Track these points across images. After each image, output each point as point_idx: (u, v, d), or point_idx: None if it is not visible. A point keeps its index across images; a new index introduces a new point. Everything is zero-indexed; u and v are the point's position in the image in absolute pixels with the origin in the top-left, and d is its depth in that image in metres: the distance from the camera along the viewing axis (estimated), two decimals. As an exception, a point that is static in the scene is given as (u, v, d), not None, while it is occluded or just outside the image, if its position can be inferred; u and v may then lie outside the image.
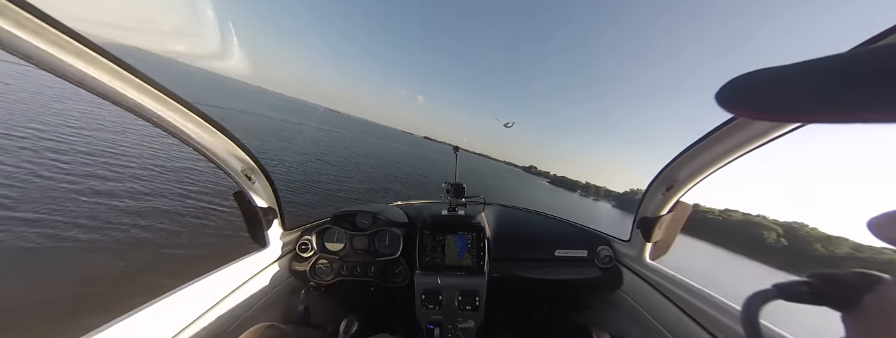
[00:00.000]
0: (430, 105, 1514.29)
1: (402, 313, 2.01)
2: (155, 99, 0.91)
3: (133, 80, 0.83)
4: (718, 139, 1.11)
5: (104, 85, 0.78)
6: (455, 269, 1.68)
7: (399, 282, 1.77)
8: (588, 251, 1.88)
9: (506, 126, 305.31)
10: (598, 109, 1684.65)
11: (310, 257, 1.78)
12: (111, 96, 0.82)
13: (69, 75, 0.71)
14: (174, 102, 0.95)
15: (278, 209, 1.59)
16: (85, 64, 0.72)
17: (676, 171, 1.34)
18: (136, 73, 0.82)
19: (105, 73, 0.77)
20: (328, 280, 1.78)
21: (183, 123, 1.03)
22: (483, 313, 1.66)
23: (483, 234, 1.72)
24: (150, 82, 0.86)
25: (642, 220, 1.58)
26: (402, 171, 28.72)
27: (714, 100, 0.30)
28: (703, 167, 1.24)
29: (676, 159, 1.31)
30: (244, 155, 1.31)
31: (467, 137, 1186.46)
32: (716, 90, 0.30)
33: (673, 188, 1.37)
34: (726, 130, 1.06)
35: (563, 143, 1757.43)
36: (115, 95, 0.82)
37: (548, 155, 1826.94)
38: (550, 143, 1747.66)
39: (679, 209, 1.47)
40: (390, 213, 1.93)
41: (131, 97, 0.85)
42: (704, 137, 1.15)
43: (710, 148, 1.16)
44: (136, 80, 0.83)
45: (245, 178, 1.35)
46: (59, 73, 0.70)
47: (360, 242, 1.83)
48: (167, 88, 0.91)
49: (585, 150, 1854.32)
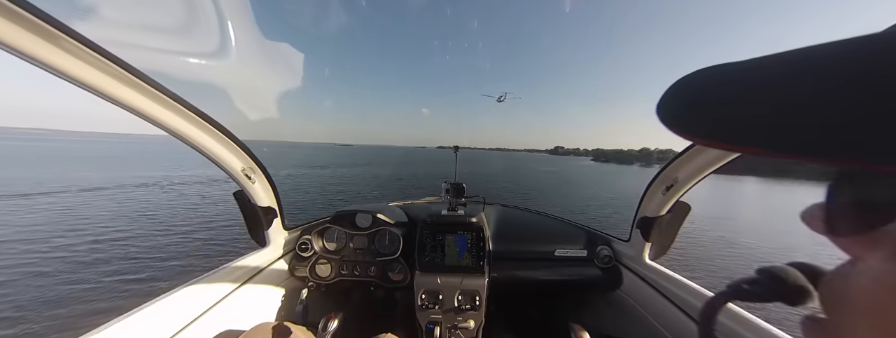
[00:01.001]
0: (437, 113, 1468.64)
1: (402, 312, 2.01)
2: (155, 99, 0.91)
3: (133, 79, 0.83)
4: None
5: (104, 85, 0.79)
6: (455, 269, 1.68)
7: (399, 282, 1.78)
8: (588, 251, 1.88)
9: (499, 101, 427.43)
10: (610, 61, 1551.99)
11: (310, 256, 1.78)
12: (111, 96, 0.82)
13: (69, 74, 0.72)
14: (174, 102, 0.96)
15: (278, 209, 1.59)
16: (85, 63, 0.73)
17: (676, 170, 1.34)
18: (137, 73, 0.82)
19: (105, 73, 0.78)
20: (328, 280, 1.78)
21: (183, 123, 1.04)
22: (483, 313, 1.66)
23: (483, 233, 1.72)
24: (150, 82, 0.87)
25: (642, 220, 1.58)
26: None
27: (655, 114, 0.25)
28: (703, 167, 1.24)
29: (676, 159, 1.32)
30: (244, 155, 1.31)
31: (477, 134, 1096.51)
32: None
33: (673, 188, 1.37)
34: None
35: (577, 108, 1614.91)
36: (115, 95, 0.82)
37: (569, 129, 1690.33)
38: (567, 113, 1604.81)
39: (679, 209, 1.47)
40: (390, 212, 1.93)
41: (131, 97, 0.86)
42: None
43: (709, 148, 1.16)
44: (135, 80, 0.83)
45: (245, 178, 1.35)
46: (58, 72, 0.70)
47: (360, 242, 1.83)
48: (167, 89, 0.91)
49: (611, 111, 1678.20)
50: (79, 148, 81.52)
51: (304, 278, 1.76)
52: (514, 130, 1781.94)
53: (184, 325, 1.12)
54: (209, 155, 1.20)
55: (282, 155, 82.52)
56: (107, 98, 0.82)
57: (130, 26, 20.14)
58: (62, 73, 0.71)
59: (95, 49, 0.72)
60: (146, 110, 0.91)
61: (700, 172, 1.26)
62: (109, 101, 0.83)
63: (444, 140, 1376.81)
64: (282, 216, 1.64)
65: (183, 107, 0.99)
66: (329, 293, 1.85)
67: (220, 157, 1.23)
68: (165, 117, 0.97)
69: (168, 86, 0.91)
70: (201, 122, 1.08)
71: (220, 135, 1.18)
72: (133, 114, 0.90)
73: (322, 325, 1.33)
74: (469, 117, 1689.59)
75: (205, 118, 1.08)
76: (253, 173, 1.38)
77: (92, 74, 0.75)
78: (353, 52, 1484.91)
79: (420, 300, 1.65)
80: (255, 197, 1.44)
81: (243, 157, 1.32)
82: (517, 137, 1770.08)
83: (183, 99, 0.97)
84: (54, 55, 0.67)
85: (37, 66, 0.67)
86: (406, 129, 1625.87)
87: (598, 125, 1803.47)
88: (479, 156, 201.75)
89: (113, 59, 0.76)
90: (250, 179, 1.38)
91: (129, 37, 1.62)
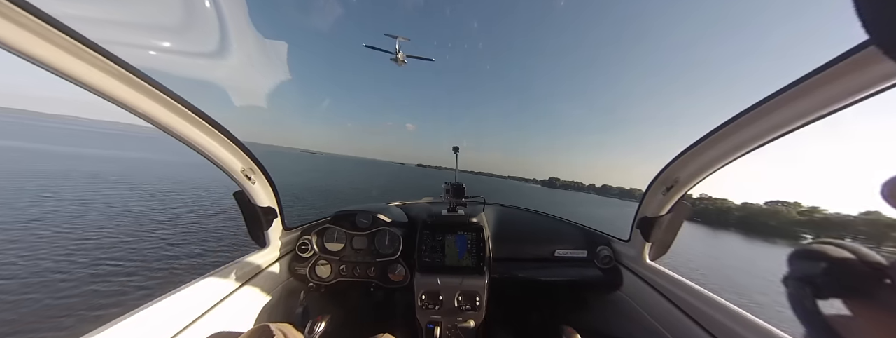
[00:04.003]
0: (422, 130, 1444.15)
1: (402, 313, 2.01)
2: (155, 99, 0.91)
3: (133, 79, 0.83)
4: (718, 139, 1.11)
5: (104, 84, 0.79)
6: (455, 269, 1.68)
7: (399, 282, 1.77)
8: (588, 251, 1.88)
9: (393, 60, 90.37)
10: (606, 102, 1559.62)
11: (310, 257, 1.78)
12: (111, 96, 0.82)
13: (69, 74, 0.72)
14: (174, 102, 0.95)
15: (278, 209, 1.59)
16: (85, 63, 0.73)
17: (676, 171, 1.34)
18: (137, 72, 0.82)
19: (105, 73, 0.77)
20: (328, 280, 1.78)
21: (183, 124, 1.03)
22: (483, 313, 1.66)
23: (483, 234, 1.72)
24: (151, 82, 0.87)
25: (642, 220, 1.57)
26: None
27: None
28: (703, 167, 1.24)
29: (676, 159, 1.32)
30: (244, 155, 1.31)
31: (464, 155, 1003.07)
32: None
33: (673, 188, 1.37)
34: (726, 130, 1.06)
35: (564, 140, 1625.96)
36: (115, 95, 0.82)
37: (561, 160, 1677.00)
38: (556, 146, 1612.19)
39: (679, 209, 1.47)
40: (390, 213, 1.92)
41: (131, 97, 0.86)
42: (705, 137, 1.15)
43: (710, 148, 1.16)
44: (136, 80, 0.83)
45: (245, 178, 1.35)
46: (58, 72, 0.70)
47: (360, 243, 1.82)
48: (168, 89, 0.91)
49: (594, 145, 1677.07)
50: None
51: (304, 279, 1.76)
52: (501, 153, 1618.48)
53: (184, 325, 1.12)
54: (209, 155, 1.19)
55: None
56: (107, 97, 0.82)
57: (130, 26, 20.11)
58: (62, 73, 0.71)
59: (95, 49, 0.72)
60: (146, 110, 0.91)
61: (700, 172, 1.26)
62: (109, 100, 0.83)
63: (427, 159, 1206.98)
64: (282, 216, 1.63)
65: (183, 107, 0.99)
66: (329, 294, 1.85)
67: (220, 157, 1.23)
68: (165, 117, 0.97)
69: (165, 84, 0.91)
70: (201, 122, 1.07)
71: (220, 135, 1.17)
72: (133, 114, 0.89)
73: (308, 328, 1.30)
74: (460, 136, 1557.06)
75: (204, 118, 1.07)
76: (253, 174, 1.38)
77: (92, 74, 0.75)
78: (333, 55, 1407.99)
79: (420, 301, 1.65)
80: (255, 197, 1.44)
81: (243, 157, 1.31)
82: (499, 161, 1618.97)
83: (183, 99, 0.97)
84: (54, 55, 0.67)
85: (37, 65, 0.66)
86: (386, 142, 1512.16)
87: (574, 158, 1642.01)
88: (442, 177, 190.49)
89: (113, 58, 0.76)
90: (250, 179, 1.37)
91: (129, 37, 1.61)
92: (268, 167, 1.45)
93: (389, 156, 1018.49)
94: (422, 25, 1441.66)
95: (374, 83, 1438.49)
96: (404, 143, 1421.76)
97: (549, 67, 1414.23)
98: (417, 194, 2.85)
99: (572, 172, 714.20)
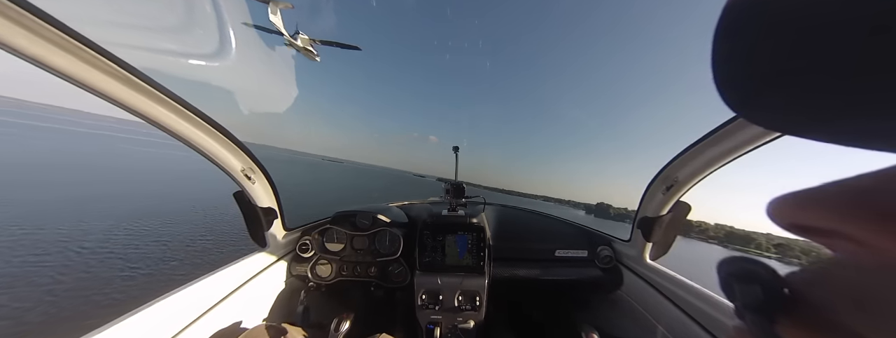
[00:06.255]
0: (444, 142, 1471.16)
1: (402, 313, 2.01)
2: (154, 99, 0.91)
3: (133, 80, 0.83)
4: (718, 139, 1.11)
5: (104, 84, 0.79)
6: (455, 269, 1.68)
7: (399, 282, 1.77)
8: (588, 252, 1.88)
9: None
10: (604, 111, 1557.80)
11: (310, 257, 1.78)
12: (111, 96, 0.82)
13: (69, 74, 0.72)
14: (174, 102, 0.95)
15: (278, 209, 1.59)
16: (85, 63, 0.73)
17: (676, 170, 1.34)
18: (137, 72, 0.82)
19: (105, 73, 0.77)
20: (328, 280, 1.78)
21: (182, 124, 1.03)
22: (483, 314, 1.66)
23: (483, 234, 1.72)
24: (150, 82, 0.87)
25: (642, 220, 1.57)
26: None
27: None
28: (703, 167, 1.24)
29: (676, 159, 1.32)
30: (244, 155, 1.31)
31: (486, 173, 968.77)
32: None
33: (673, 188, 1.37)
34: (726, 130, 1.06)
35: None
36: (115, 95, 0.82)
37: (613, 181, 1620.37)
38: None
39: (679, 209, 1.47)
40: (390, 213, 1.92)
41: (131, 97, 0.86)
42: (704, 137, 1.15)
43: (710, 148, 1.16)
44: (135, 81, 0.83)
45: (245, 178, 1.35)
46: (59, 72, 0.70)
47: (361, 243, 1.82)
48: (167, 89, 0.91)
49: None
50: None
51: (304, 279, 1.76)
52: (515, 170, 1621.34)
53: (184, 325, 1.12)
54: (208, 155, 1.19)
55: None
56: (107, 98, 0.82)
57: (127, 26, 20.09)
58: (62, 73, 0.71)
59: (95, 49, 0.72)
60: (146, 110, 0.91)
61: (700, 171, 1.26)
62: (109, 101, 0.83)
63: (443, 172, 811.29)
64: (282, 217, 1.63)
65: (182, 107, 0.99)
66: (329, 294, 1.85)
67: (220, 157, 1.23)
68: (165, 118, 0.97)
69: (166, 84, 0.91)
70: (200, 122, 1.07)
71: (220, 135, 1.17)
72: (129, 112, 0.89)
73: (334, 325, 1.35)
74: (481, 152, 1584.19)
75: (204, 118, 1.07)
76: (253, 174, 1.38)
77: (92, 74, 0.75)
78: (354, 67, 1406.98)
79: (420, 301, 1.65)
80: (255, 197, 1.44)
81: (243, 157, 1.31)
82: (510, 178, 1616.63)
83: (182, 99, 0.97)
84: (54, 55, 0.67)
85: (37, 66, 0.66)
86: (409, 153, 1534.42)
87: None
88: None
89: (113, 58, 0.76)
90: (250, 179, 1.37)
91: (129, 37, 1.62)
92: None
93: (412, 167, 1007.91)
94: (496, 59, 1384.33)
95: (398, 92, 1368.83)
96: (428, 154, 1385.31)
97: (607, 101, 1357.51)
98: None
99: (625, 196, 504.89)
